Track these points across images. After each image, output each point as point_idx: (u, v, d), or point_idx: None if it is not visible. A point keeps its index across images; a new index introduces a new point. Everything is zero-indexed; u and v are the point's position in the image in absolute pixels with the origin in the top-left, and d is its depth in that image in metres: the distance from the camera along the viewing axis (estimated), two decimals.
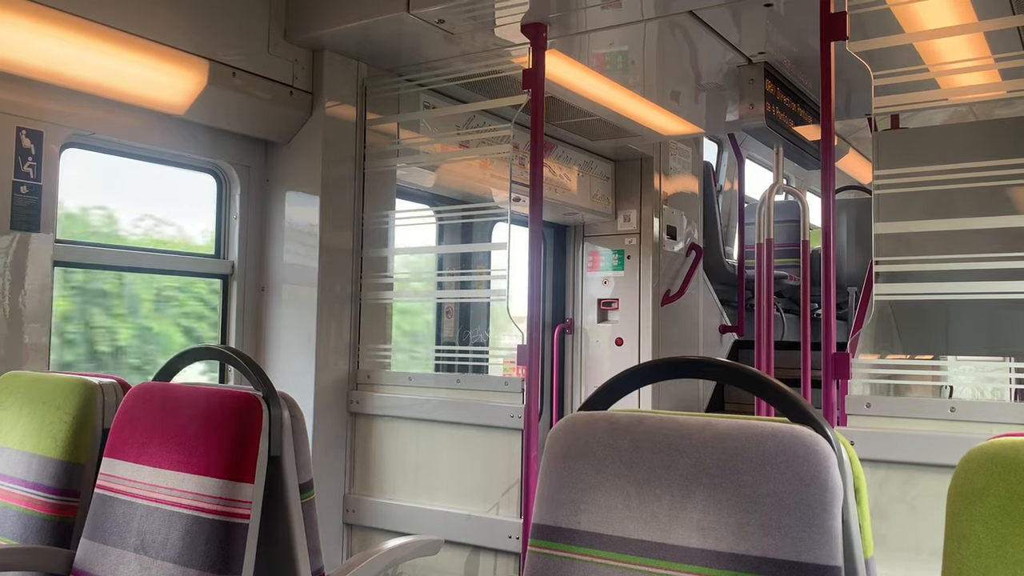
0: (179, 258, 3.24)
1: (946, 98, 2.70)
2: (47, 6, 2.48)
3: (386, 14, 2.95)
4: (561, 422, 1.32)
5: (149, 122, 2.94)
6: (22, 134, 2.56)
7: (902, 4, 2.57)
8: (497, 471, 2.99)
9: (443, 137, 3.67)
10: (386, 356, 3.39)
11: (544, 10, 2.91)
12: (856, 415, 2.26)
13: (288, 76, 3.19)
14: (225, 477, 1.79)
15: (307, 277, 3.25)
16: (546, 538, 1.26)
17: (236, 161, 3.29)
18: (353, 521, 3.29)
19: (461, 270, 4.15)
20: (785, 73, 3.72)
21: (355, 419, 3.34)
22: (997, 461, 0.97)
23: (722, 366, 1.25)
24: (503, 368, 3.75)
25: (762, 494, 1.09)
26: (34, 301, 2.60)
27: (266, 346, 3.34)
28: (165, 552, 1.79)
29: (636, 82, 3.80)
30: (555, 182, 4.58)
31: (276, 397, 1.90)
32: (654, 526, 1.17)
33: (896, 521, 2.14)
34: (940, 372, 2.66)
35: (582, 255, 5.22)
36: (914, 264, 2.32)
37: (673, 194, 5.24)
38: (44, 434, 2.10)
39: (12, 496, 2.11)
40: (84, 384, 2.14)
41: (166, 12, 2.81)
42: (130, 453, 1.95)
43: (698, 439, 1.17)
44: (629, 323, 4.99)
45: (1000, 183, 2.27)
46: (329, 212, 3.26)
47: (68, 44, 2.56)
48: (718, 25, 3.15)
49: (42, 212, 2.61)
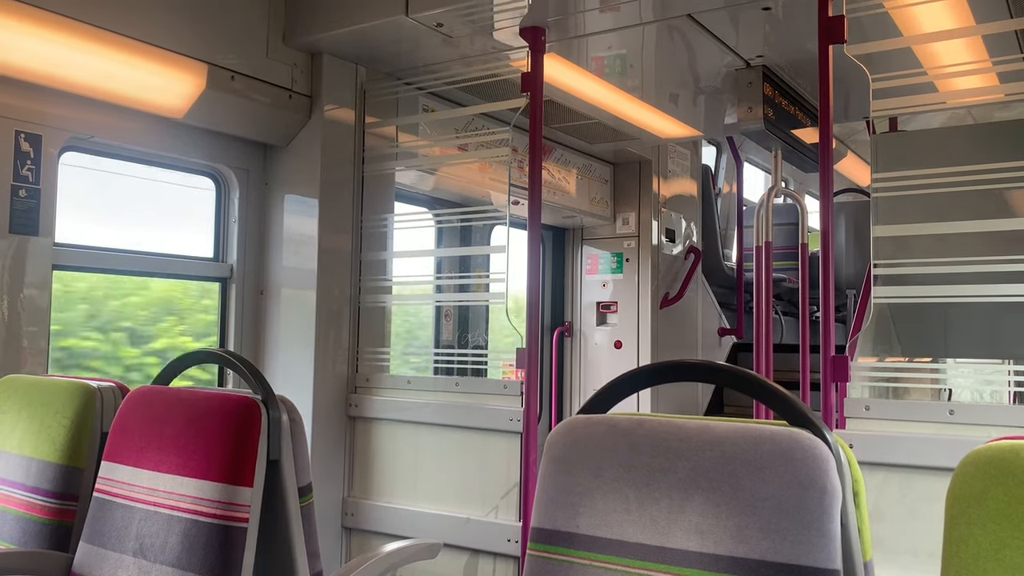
0: (178, 261, 3.24)
1: (944, 101, 2.70)
2: (46, 10, 2.48)
3: (385, 18, 2.95)
4: (560, 425, 1.32)
5: (148, 125, 2.95)
6: (21, 138, 2.57)
7: (900, 7, 2.58)
8: (496, 474, 2.99)
9: (442, 140, 3.67)
10: (385, 360, 3.39)
11: (543, 14, 2.92)
12: (855, 418, 2.26)
13: (287, 80, 3.19)
14: (224, 481, 1.79)
15: (306, 280, 3.25)
16: (545, 542, 1.26)
17: (235, 164, 3.29)
18: (352, 525, 3.28)
19: (460, 273, 4.15)
20: (783, 76, 3.72)
21: (354, 423, 3.34)
22: (996, 464, 0.97)
23: (721, 369, 1.25)
24: (502, 371, 3.75)
25: (761, 497, 1.10)
26: (33, 304, 2.60)
27: (265, 350, 3.34)
28: (164, 556, 1.79)
29: (635, 85, 3.80)
30: (554, 185, 4.58)
31: (275, 401, 1.90)
32: (653, 529, 1.17)
33: (895, 524, 2.14)
34: (939, 375, 2.66)
35: (581, 258, 5.22)
36: (913, 267, 2.32)
37: (672, 197, 5.25)
38: (43, 438, 2.10)
39: (11, 500, 2.11)
40: (83, 388, 2.14)
41: (165, 16, 2.81)
42: (129, 457, 1.95)
43: (697, 442, 1.17)
44: (628, 326, 4.99)
45: (998, 186, 2.27)
46: (328, 215, 3.26)
47: (67, 48, 2.56)
48: (716, 28, 3.15)
49: (41, 215, 2.61)
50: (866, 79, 2.35)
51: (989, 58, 2.73)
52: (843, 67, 2.44)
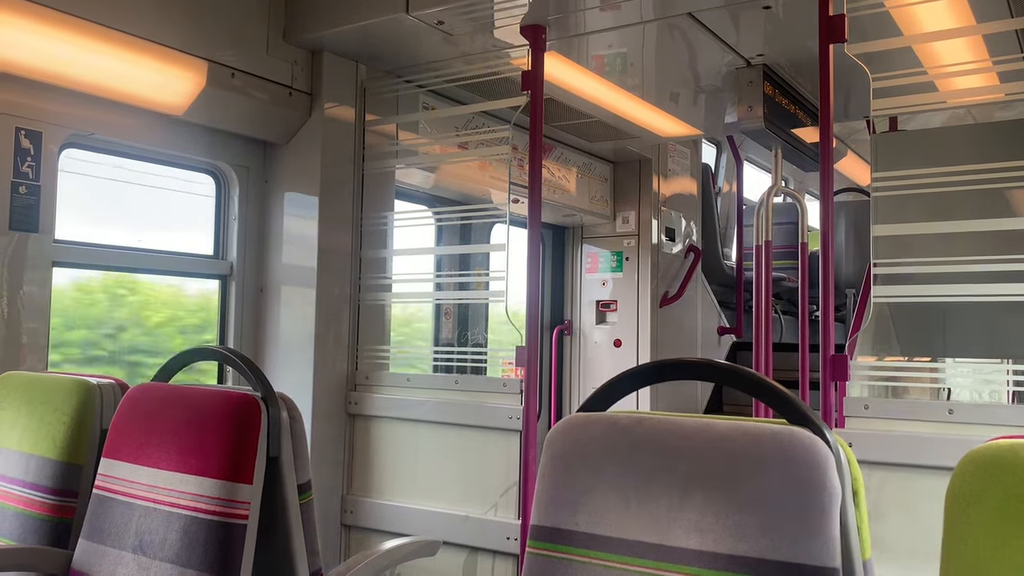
0: (177, 259, 3.24)
1: (944, 100, 2.70)
2: (46, 7, 2.48)
3: (385, 15, 2.95)
4: (559, 423, 1.32)
5: (148, 123, 2.94)
6: (21, 134, 2.56)
7: (900, 7, 2.58)
8: (495, 472, 2.99)
9: (442, 138, 3.67)
10: (384, 357, 3.39)
11: (543, 12, 2.91)
12: (854, 417, 2.26)
13: (287, 77, 3.19)
14: (223, 478, 1.79)
15: (306, 278, 3.25)
16: (544, 539, 1.26)
17: (235, 162, 3.29)
18: (351, 522, 3.29)
19: (460, 271, 4.15)
20: (784, 75, 3.72)
21: (353, 420, 3.34)
22: (995, 463, 0.97)
23: (721, 368, 1.26)
24: (501, 369, 3.75)
25: (760, 496, 1.10)
26: (32, 301, 2.60)
27: (265, 347, 3.34)
28: (163, 553, 1.79)
29: (635, 84, 3.80)
30: (554, 183, 4.58)
31: (274, 398, 1.90)
32: (652, 527, 1.17)
33: (894, 523, 2.14)
34: (938, 374, 2.67)
35: (581, 256, 5.22)
36: (912, 266, 2.33)
37: (672, 196, 5.25)
38: (42, 434, 2.10)
39: (10, 496, 2.11)
40: (82, 384, 2.14)
41: (165, 13, 2.81)
42: (128, 453, 1.95)
43: (696, 441, 1.17)
44: (627, 324, 4.99)
45: (998, 185, 2.27)
46: (328, 213, 3.26)
47: (67, 44, 2.56)
48: (717, 27, 3.15)
49: (41, 212, 2.61)
50: (866, 78, 2.35)
51: (989, 57, 2.73)
52: (843, 66, 2.44)
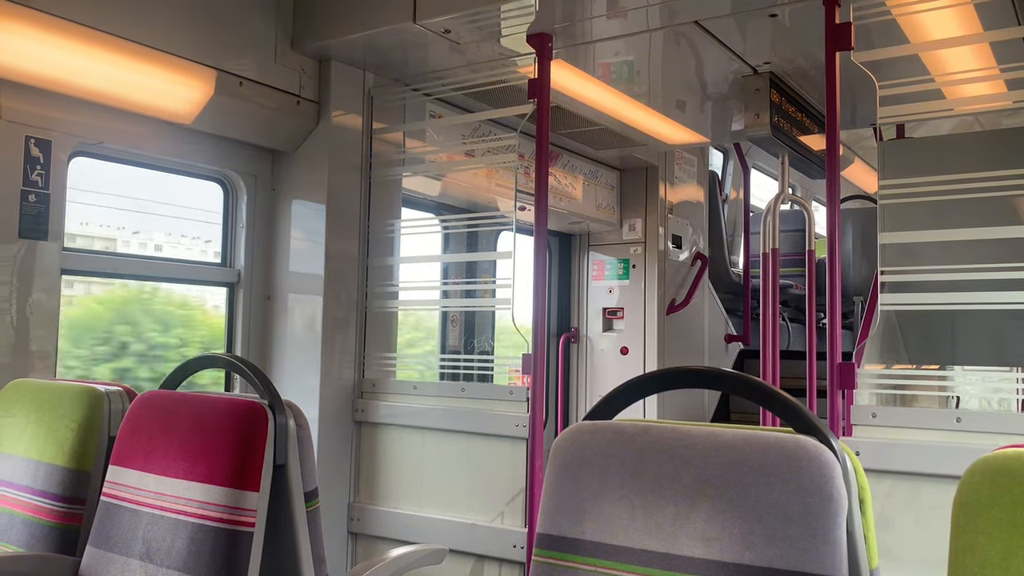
0: (185, 266, 3.25)
1: (951, 108, 2.70)
2: (55, 16, 2.50)
3: (392, 24, 2.96)
4: (566, 431, 1.32)
5: (156, 131, 2.96)
6: (31, 143, 2.58)
7: (907, 14, 2.57)
8: (502, 480, 2.99)
9: (449, 146, 3.68)
10: (391, 365, 3.39)
11: (550, 20, 2.92)
12: (861, 425, 2.25)
13: (295, 86, 3.21)
14: (230, 485, 1.79)
15: (313, 286, 3.25)
16: (551, 547, 1.26)
17: (243, 170, 3.30)
18: (358, 530, 3.28)
19: (466, 279, 4.16)
20: (790, 83, 3.72)
21: (360, 428, 3.34)
22: (1003, 472, 0.97)
23: (727, 376, 1.25)
24: (508, 377, 3.75)
25: (767, 504, 1.09)
26: (41, 309, 2.61)
27: (272, 354, 3.35)
28: (170, 560, 1.80)
29: (641, 92, 3.81)
30: (560, 191, 4.59)
31: (281, 405, 1.90)
32: (659, 536, 1.17)
33: (901, 532, 2.13)
34: (946, 382, 2.65)
35: (587, 264, 5.22)
36: (920, 274, 2.32)
37: (678, 203, 5.24)
38: (50, 441, 2.11)
39: (18, 503, 2.11)
40: (91, 392, 2.14)
41: (173, 22, 2.82)
42: (136, 461, 1.96)
43: (703, 449, 1.17)
44: (634, 332, 4.99)
45: (1006, 193, 2.26)
46: (335, 221, 3.27)
47: (76, 54, 2.58)
48: (723, 35, 3.15)
49: (50, 220, 2.62)
50: (873, 86, 2.35)
51: (997, 65, 2.73)
52: (850, 74, 2.44)
